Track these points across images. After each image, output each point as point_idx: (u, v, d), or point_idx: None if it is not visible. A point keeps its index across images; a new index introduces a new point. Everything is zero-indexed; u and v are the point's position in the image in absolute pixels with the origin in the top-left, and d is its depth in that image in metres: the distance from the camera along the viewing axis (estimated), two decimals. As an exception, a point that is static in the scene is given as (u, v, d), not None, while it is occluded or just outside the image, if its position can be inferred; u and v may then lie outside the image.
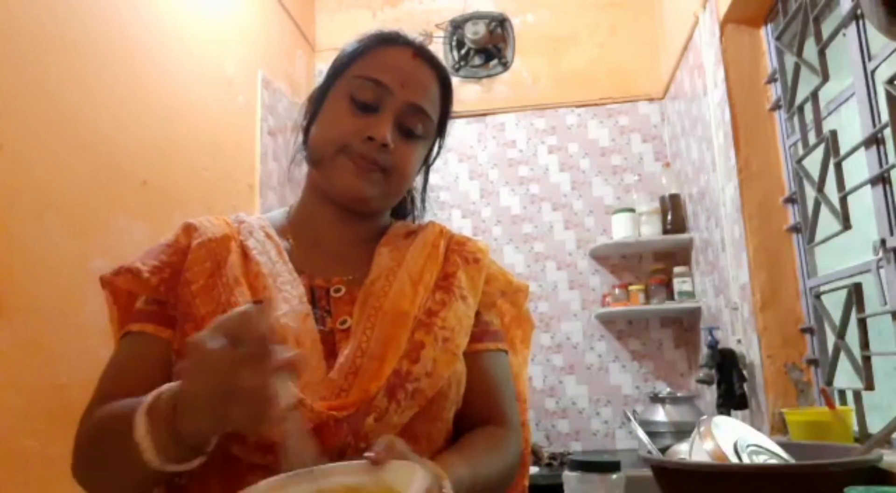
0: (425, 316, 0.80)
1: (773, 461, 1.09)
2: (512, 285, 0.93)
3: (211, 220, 0.86)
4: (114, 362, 0.79)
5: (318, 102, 0.88)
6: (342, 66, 0.87)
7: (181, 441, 0.60)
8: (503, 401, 0.86)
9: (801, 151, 1.96)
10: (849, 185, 1.69)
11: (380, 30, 0.88)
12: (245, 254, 0.81)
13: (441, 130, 0.93)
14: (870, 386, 1.60)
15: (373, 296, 0.80)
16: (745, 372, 2.18)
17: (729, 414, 2.11)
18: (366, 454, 0.60)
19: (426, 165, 0.95)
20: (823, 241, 1.85)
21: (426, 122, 0.86)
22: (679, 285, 2.87)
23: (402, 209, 1.00)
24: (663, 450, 1.22)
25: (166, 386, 0.63)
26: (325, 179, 0.85)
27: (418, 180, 0.97)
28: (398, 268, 0.84)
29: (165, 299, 0.79)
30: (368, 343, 0.75)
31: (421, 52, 0.87)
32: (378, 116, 0.82)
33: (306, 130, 0.89)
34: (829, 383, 1.80)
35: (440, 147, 0.96)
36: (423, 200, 0.99)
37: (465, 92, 3.33)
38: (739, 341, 2.25)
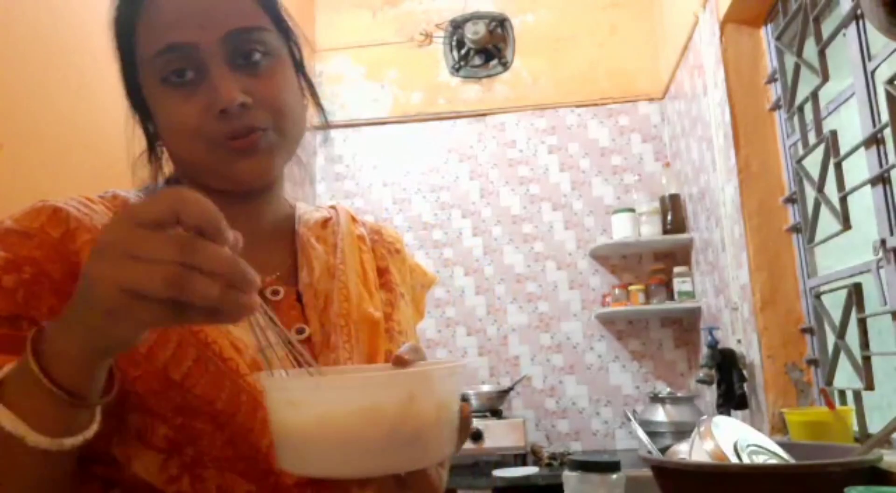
0: (384, 321, 0.73)
1: (773, 461, 1.09)
2: (426, 278, 0.88)
3: (84, 203, 0.67)
4: None
5: (139, 104, 0.73)
6: (128, 55, 0.71)
7: (60, 392, 0.45)
8: None
9: (801, 151, 1.96)
10: (849, 185, 1.69)
11: None
12: None
13: (282, 29, 0.71)
14: (870, 386, 1.60)
15: (327, 300, 0.70)
16: (745, 372, 2.19)
17: (729, 414, 2.11)
18: (395, 355, 0.56)
19: (300, 71, 0.74)
20: (823, 241, 1.85)
21: (261, 35, 0.66)
22: (679, 285, 2.87)
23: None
24: (663, 450, 1.23)
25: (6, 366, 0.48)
26: (214, 178, 0.67)
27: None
28: (342, 265, 0.73)
29: (21, 313, 0.57)
30: (351, 357, 0.68)
31: None
32: (207, 80, 0.63)
33: (151, 136, 0.73)
34: (829, 383, 1.80)
35: (298, 47, 0.74)
36: (319, 105, 0.79)
37: (465, 92, 3.33)
38: (739, 341, 2.25)
